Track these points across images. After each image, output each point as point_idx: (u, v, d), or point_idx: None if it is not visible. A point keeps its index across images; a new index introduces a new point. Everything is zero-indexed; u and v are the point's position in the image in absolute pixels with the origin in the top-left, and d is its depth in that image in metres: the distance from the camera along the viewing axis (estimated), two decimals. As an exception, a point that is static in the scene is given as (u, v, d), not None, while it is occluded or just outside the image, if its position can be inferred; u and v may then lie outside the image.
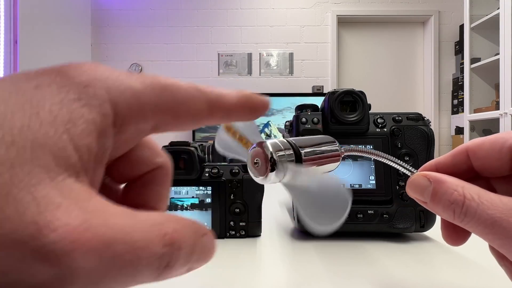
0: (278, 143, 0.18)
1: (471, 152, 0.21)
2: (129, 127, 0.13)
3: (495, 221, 0.17)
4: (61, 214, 0.10)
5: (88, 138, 0.11)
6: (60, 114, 0.11)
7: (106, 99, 0.12)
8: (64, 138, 0.11)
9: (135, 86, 0.13)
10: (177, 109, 0.14)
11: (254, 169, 0.18)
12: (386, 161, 0.22)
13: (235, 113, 0.16)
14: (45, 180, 0.10)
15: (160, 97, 0.14)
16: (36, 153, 0.10)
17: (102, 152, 0.12)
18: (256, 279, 0.32)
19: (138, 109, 0.13)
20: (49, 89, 0.11)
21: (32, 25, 2.39)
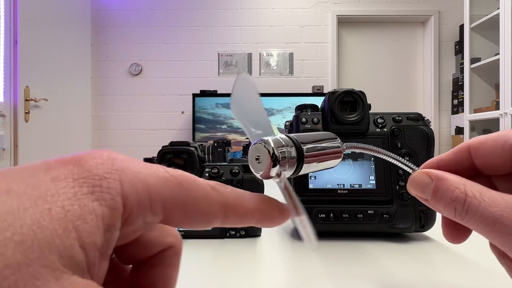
0: (279, 139, 0.18)
1: (473, 149, 0.21)
2: (137, 220, 0.13)
3: (497, 219, 0.17)
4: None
5: (95, 235, 0.12)
6: (71, 209, 0.11)
7: (118, 192, 0.12)
8: (71, 236, 0.11)
9: (150, 180, 0.13)
10: (189, 206, 0.14)
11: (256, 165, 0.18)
12: (387, 157, 0.22)
13: (250, 219, 0.16)
14: (50, 281, 0.10)
15: (173, 193, 0.14)
16: (43, 252, 0.10)
17: (107, 245, 0.12)
18: (256, 279, 0.32)
19: (148, 202, 0.13)
20: (64, 182, 0.12)
21: (32, 25, 2.39)
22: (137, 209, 0.13)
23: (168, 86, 3.44)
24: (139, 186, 0.13)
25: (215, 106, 3.21)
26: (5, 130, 2.24)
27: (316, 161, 0.19)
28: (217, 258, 0.36)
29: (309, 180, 0.42)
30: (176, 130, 3.44)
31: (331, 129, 0.43)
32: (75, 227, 0.11)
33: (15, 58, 2.25)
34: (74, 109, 2.93)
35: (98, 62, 3.41)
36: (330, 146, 0.20)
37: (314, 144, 0.19)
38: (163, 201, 0.13)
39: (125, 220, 0.13)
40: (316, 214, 0.41)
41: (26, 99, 2.34)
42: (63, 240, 0.11)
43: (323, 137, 0.21)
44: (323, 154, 0.20)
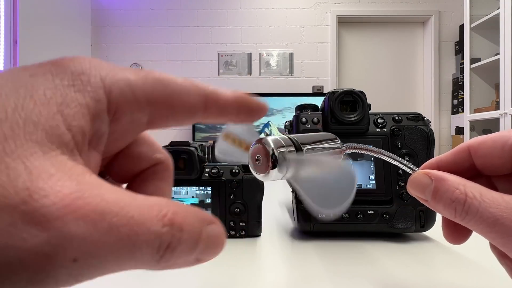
0: (279, 139, 0.18)
1: (472, 150, 0.21)
2: (124, 116, 0.13)
3: (497, 220, 0.17)
4: (53, 183, 0.10)
5: (81, 120, 0.12)
6: (53, 97, 0.11)
7: (100, 86, 0.13)
8: (57, 118, 0.11)
9: (130, 77, 0.13)
10: (171, 100, 0.14)
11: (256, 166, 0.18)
12: (387, 158, 0.22)
13: (230, 111, 0.16)
14: (38, 153, 0.10)
15: (154, 87, 0.14)
16: (29, 129, 0.10)
17: (97, 137, 0.13)
18: (256, 279, 0.32)
19: (132, 97, 0.13)
20: (44, 77, 0.12)
21: (32, 25, 2.39)
22: (123, 103, 0.13)
23: (168, 86, 3.44)
24: (120, 82, 0.13)
25: (215, 106, 3.21)
26: (5, 130, 2.24)
27: None
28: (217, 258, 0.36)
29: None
30: (176, 130, 3.44)
31: (331, 129, 0.43)
32: (59, 111, 0.11)
33: (15, 58, 2.25)
34: (74, 109, 2.93)
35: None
36: (330, 147, 0.20)
37: (314, 145, 0.19)
38: (146, 95, 0.14)
39: (113, 116, 0.13)
40: (316, 214, 0.41)
41: (26, 99, 2.34)
42: (48, 120, 0.11)
43: (323, 137, 0.21)
44: None
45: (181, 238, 0.12)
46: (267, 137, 0.18)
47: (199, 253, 0.13)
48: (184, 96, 0.15)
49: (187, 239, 0.12)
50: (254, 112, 0.17)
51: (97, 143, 0.13)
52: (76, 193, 0.10)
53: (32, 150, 0.10)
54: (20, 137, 0.10)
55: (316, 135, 0.21)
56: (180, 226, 0.12)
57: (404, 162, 0.22)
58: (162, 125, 0.15)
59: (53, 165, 0.10)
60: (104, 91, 0.13)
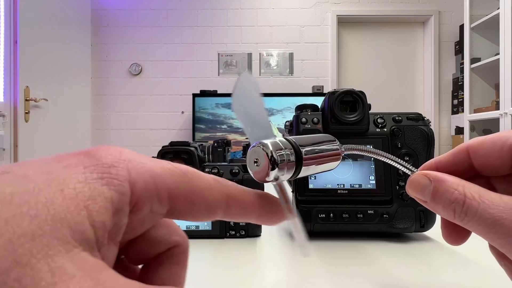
0: (278, 142, 0.18)
1: (471, 150, 0.21)
2: (144, 208, 0.14)
3: (496, 220, 0.17)
4: (74, 285, 0.10)
5: (105, 215, 0.12)
6: (82, 191, 0.12)
7: (126, 179, 0.13)
8: (82, 214, 0.12)
9: (155, 169, 0.14)
10: (193, 197, 0.15)
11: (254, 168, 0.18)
12: (387, 160, 0.22)
13: (251, 213, 0.17)
14: (62, 252, 0.11)
15: (177, 182, 0.14)
16: (56, 226, 0.11)
17: (116, 229, 0.13)
18: (256, 279, 0.32)
19: (155, 191, 0.14)
20: (76, 169, 0.13)
21: (32, 25, 2.39)
22: (144, 196, 0.14)
23: (168, 86, 3.44)
24: (145, 175, 0.14)
25: (215, 106, 3.21)
26: (5, 130, 2.24)
27: (315, 163, 0.19)
28: (217, 258, 0.36)
29: (309, 180, 0.42)
30: (176, 130, 3.44)
31: (331, 129, 0.43)
32: (85, 206, 0.12)
33: (15, 58, 2.25)
34: (74, 109, 2.93)
35: (98, 62, 3.41)
36: (329, 149, 0.20)
37: (313, 147, 0.19)
38: (169, 190, 0.14)
39: (133, 207, 0.13)
40: (316, 214, 0.41)
41: (26, 99, 2.34)
42: (74, 217, 0.11)
43: (322, 139, 0.21)
44: (322, 157, 0.20)
45: None
46: (266, 140, 0.18)
47: None
48: (207, 194, 0.15)
49: None
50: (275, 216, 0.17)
51: (116, 235, 0.13)
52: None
53: (57, 248, 0.11)
54: (46, 236, 0.11)
55: (315, 136, 0.20)
56: None
57: (403, 163, 0.22)
58: (180, 217, 0.15)
59: (75, 264, 0.11)
60: (129, 184, 0.13)
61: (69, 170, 0.12)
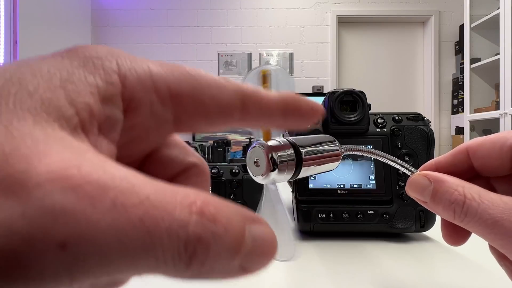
0: (278, 142, 0.18)
1: (471, 151, 0.21)
2: (142, 107, 0.12)
3: (496, 221, 0.17)
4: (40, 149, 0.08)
5: (88, 98, 0.10)
6: (58, 73, 0.10)
7: (114, 70, 0.11)
8: (58, 92, 0.10)
9: (152, 66, 0.12)
10: (201, 95, 0.12)
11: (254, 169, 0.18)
12: (386, 160, 0.22)
13: (275, 113, 0.14)
14: (27, 120, 0.09)
15: (180, 79, 0.12)
16: (21, 97, 0.09)
17: (109, 123, 0.11)
18: (256, 279, 0.32)
19: (152, 86, 0.12)
20: (53, 59, 0.11)
21: (32, 25, 2.39)
22: (140, 91, 0.11)
23: (168, 86, 3.44)
24: (139, 70, 0.12)
25: (215, 106, 3.21)
26: (5, 130, 2.24)
27: (314, 164, 0.19)
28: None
29: (309, 180, 0.42)
30: (176, 130, 3.44)
31: (331, 129, 0.43)
32: (62, 86, 0.10)
33: (15, 58, 2.25)
34: (74, 109, 2.93)
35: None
36: (328, 149, 0.20)
37: (313, 147, 0.19)
38: (169, 86, 0.12)
39: (128, 104, 0.11)
40: (316, 214, 0.41)
41: (26, 99, 2.34)
42: (47, 92, 0.09)
43: (322, 140, 0.21)
44: (321, 157, 0.20)
45: (216, 232, 0.09)
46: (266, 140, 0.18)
47: (244, 259, 0.10)
48: (216, 91, 0.12)
49: (224, 235, 0.09)
50: (305, 115, 0.14)
51: (110, 130, 0.11)
52: (70, 161, 0.08)
53: (21, 116, 0.08)
54: (9, 104, 0.09)
55: (315, 137, 0.21)
56: (212, 217, 0.09)
57: (403, 163, 0.22)
58: (192, 126, 0.13)
59: (45, 134, 0.08)
60: (119, 76, 0.11)
61: (44, 60, 0.10)
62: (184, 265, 0.08)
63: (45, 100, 0.09)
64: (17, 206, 0.07)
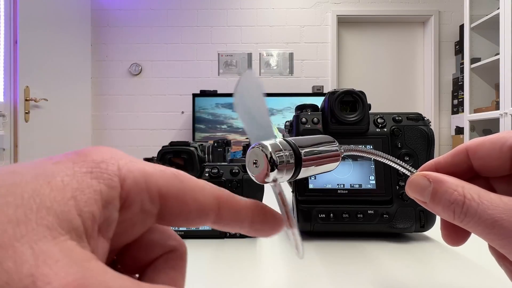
0: (277, 143, 0.18)
1: (471, 151, 0.21)
2: (134, 204, 0.14)
3: (496, 221, 0.17)
4: (58, 269, 0.10)
5: (93, 206, 0.12)
6: (70, 183, 0.12)
7: (116, 174, 0.13)
8: (69, 204, 0.12)
9: (146, 168, 0.14)
10: (184, 196, 0.15)
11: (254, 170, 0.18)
12: (386, 161, 0.22)
13: (244, 217, 0.16)
14: (47, 238, 0.11)
15: (168, 181, 0.14)
16: (41, 214, 0.11)
17: (107, 223, 0.13)
18: (256, 279, 0.32)
19: (145, 187, 0.14)
20: (65, 165, 0.13)
21: (32, 25, 2.39)
22: (135, 191, 0.13)
23: (168, 86, 3.44)
24: (136, 172, 0.14)
25: (215, 106, 3.21)
26: (5, 130, 2.24)
27: (314, 164, 0.19)
28: (217, 258, 0.36)
29: (309, 180, 0.42)
30: (176, 130, 3.44)
31: (331, 129, 0.43)
32: (73, 197, 0.12)
33: (15, 58, 2.25)
34: (74, 109, 2.93)
35: (98, 62, 3.41)
36: (328, 150, 0.20)
37: (312, 148, 0.19)
38: (159, 188, 0.14)
39: (123, 203, 0.13)
40: (316, 214, 0.41)
41: (26, 99, 2.34)
42: (61, 205, 0.11)
43: (321, 140, 0.21)
44: (321, 158, 0.20)
45: None
46: (265, 141, 0.18)
47: None
48: (198, 194, 0.15)
49: None
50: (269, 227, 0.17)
51: (106, 230, 0.13)
52: (80, 280, 0.10)
53: (42, 234, 0.11)
54: (32, 222, 0.11)
55: (315, 137, 0.21)
56: None
57: (403, 164, 0.22)
58: (172, 220, 0.15)
59: (61, 250, 0.11)
60: (119, 179, 0.13)
61: (57, 165, 0.12)
62: None
63: (59, 214, 0.11)
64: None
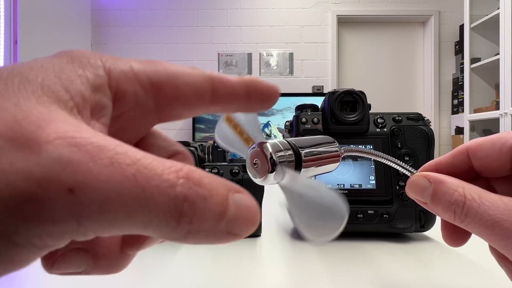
0: (277, 143, 0.18)
1: (471, 152, 0.21)
2: (127, 96, 0.13)
3: (496, 222, 0.17)
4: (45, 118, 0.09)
5: (80, 86, 0.11)
6: (51, 68, 0.11)
7: (99, 66, 0.13)
8: (54, 81, 0.11)
9: (132, 62, 0.14)
10: (176, 81, 0.14)
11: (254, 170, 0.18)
12: (386, 161, 0.22)
13: (240, 94, 0.15)
14: (31, 100, 0.10)
15: (157, 70, 0.14)
16: (24, 85, 0.10)
17: (100, 107, 0.12)
18: (256, 279, 0.32)
19: (134, 77, 0.13)
20: (45, 59, 0.12)
21: (32, 25, 2.39)
22: (124, 81, 0.13)
23: (168, 86, 3.44)
24: (122, 65, 0.13)
25: (215, 106, 3.21)
26: (5, 130, 2.24)
27: (314, 165, 0.19)
28: (217, 258, 0.36)
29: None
30: (176, 130, 3.44)
31: (331, 129, 0.43)
32: (57, 77, 0.11)
33: (15, 58, 2.25)
34: (74, 109, 2.93)
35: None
36: (328, 150, 0.20)
37: (312, 149, 0.19)
38: (149, 76, 0.14)
39: (115, 93, 0.13)
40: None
41: (26, 99, 2.34)
42: (45, 80, 0.11)
43: (321, 141, 0.21)
44: (321, 158, 0.20)
45: (201, 194, 0.10)
46: (266, 141, 0.18)
47: (230, 223, 0.11)
48: (189, 77, 0.14)
49: (208, 197, 0.10)
50: (265, 96, 0.16)
51: (101, 115, 0.12)
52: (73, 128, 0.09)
53: (25, 96, 0.10)
54: (14, 89, 0.10)
55: (315, 138, 0.20)
56: (198, 181, 0.10)
57: (403, 164, 0.22)
58: (172, 112, 0.15)
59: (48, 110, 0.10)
60: (104, 70, 0.13)
61: (39, 59, 0.12)
62: (174, 222, 0.10)
63: (44, 86, 0.10)
64: (32, 157, 0.09)
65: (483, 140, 0.21)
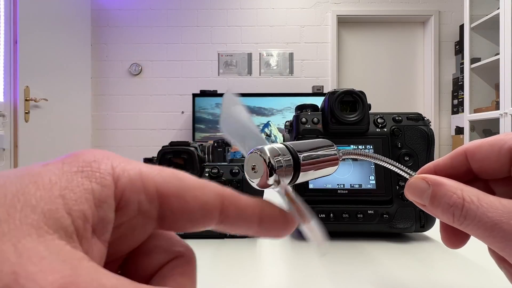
0: (275, 148, 0.18)
1: (469, 154, 0.21)
2: (130, 204, 0.13)
3: (495, 224, 0.17)
4: (44, 266, 0.09)
5: (84, 205, 0.11)
6: (58, 182, 0.11)
7: (109, 173, 0.12)
8: (57, 202, 0.11)
9: (142, 167, 0.13)
10: (184, 194, 0.13)
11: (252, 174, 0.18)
12: (385, 164, 0.22)
13: (251, 217, 0.15)
14: (32, 236, 0.10)
15: (166, 179, 0.13)
16: (26, 212, 0.10)
17: (102, 224, 0.12)
18: (256, 279, 0.32)
19: (141, 186, 0.13)
20: (54, 165, 0.12)
21: (32, 25, 2.39)
22: (130, 190, 0.13)
23: (168, 86, 3.44)
24: (131, 171, 0.13)
25: (215, 106, 3.21)
26: (5, 130, 2.24)
27: (312, 169, 0.19)
28: (217, 258, 0.36)
29: (309, 181, 0.42)
30: (176, 130, 3.44)
31: (331, 129, 0.43)
32: (61, 195, 0.11)
33: (15, 58, 2.25)
34: (74, 109, 2.93)
35: (98, 62, 3.41)
36: (326, 154, 0.20)
37: (310, 152, 0.19)
38: (157, 186, 0.13)
39: (118, 203, 0.12)
40: (316, 214, 0.41)
41: (26, 99, 2.34)
42: (48, 204, 0.11)
43: (319, 144, 0.21)
44: (319, 162, 0.20)
45: None
46: (264, 146, 0.18)
47: None
48: (198, 191, 0.14)
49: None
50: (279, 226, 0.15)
51: (102, 232, 0.12)
52: (68, 277, 0.09)
53: (26, 233, 0.10)
54: (15, 220, 0.10)
55: (313, 142, 0.20)
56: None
57: (401, 166, 0.22)
58: (175, 223, 0.14)
59: (47, 248, 0.10)
60: (113, 178, 0.12)
61: (46, 166, 0.12)
62: None
63: (46, 212, 0.10)
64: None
65: (482, 142, 0.21)
